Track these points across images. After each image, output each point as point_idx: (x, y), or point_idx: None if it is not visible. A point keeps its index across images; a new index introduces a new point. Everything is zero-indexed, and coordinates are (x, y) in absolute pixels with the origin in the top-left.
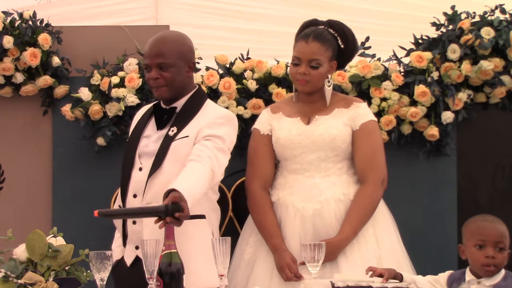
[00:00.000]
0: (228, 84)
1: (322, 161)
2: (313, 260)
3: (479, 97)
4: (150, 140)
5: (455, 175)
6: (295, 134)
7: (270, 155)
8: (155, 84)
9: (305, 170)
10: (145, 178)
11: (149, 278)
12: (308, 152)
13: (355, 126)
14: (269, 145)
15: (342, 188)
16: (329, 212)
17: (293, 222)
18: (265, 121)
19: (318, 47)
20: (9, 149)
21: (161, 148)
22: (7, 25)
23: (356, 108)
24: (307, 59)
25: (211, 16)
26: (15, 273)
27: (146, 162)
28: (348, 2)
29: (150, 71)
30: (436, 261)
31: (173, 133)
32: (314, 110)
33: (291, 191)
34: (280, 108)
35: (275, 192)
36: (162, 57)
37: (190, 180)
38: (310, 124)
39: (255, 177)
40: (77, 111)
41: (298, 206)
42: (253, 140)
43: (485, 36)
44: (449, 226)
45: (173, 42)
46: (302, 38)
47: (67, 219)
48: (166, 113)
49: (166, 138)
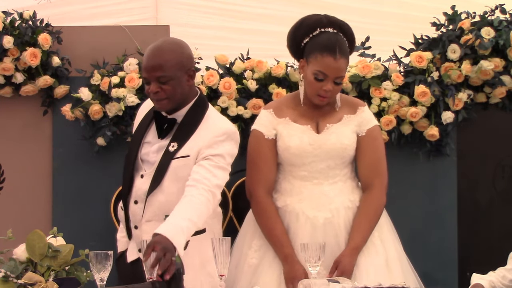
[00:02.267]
0: (228, 84)
1: (330, 169)
2: (313, 260)
3: (479, 97)
4: (151, 149)
5: (455, 175)
6: (306, 143)
7: (274, 159)
8: (156, 97)
9: (314, 178)
10: (146, 187)
11: (149, 278)
12: (319, 161)
13: (361, 132)
14: (273, 149)
15: (348, 195)
16: (339, 220)
17: (303, 230)
18: (269, 124)
19: (345, 64)
20: (9, 149)
21: (161, 164)
22: (7, 25)
23: (362, 113)
24: (334, 76)
25: (211, 16)
26: (15, 273)
27: (147, 170)
28: (348, 2)
29: (149, 84)
30: (436, 261)
31: (174, 149)
32: (321, 115)
33: (300, 198)
34: (283, 111)
35: (281, 197)
36: (160, 71)
37: (186, 215)
38: (321, 133)
39: (259, 182)
40: (77, 111)
41: (309, 215)
42: (257, 142)
43: (485, 36)
44: (449, 226)
45: (171, 53)
46: (329, 53)
47: (67, 219)
48: (167, 122)
49: (167, 154)
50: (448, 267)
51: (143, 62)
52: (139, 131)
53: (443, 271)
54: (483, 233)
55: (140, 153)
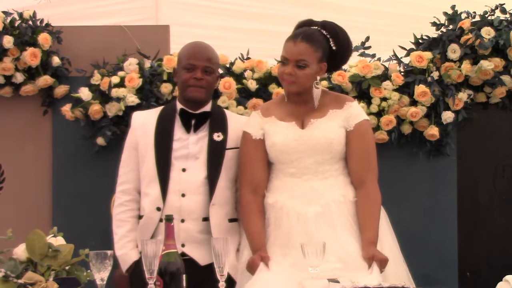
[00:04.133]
0: (228, 84)
1: (319, 165)
2: (313, 260)
3: (479, 97)
4: (189, 142)
5: (455, 175)
6: (291, 139)
7: (263, 160)
8: (197, 84)
9: (303, 174)
10: (197, 178)
11: (149, 278)
12: (305, 156)
13: (349, 127)
14: (261, 149)
15: (340, 190)
16: (331, 214)
17: (297, 227)
18: (257, 124)
19: (305, 48)
20: (9, 149)
21: (213, 153)
22: (7, 25)
23: (349, 108)
24: (294, 59)
25: (211, 16)
26: (15, 273)
27: (189, 164)
28: (348, 2)
29: (193, 71)
30: (436, 261)
31: (220, 139)
32: (306, 111)
33: (291, 195)
34: (270, 110)
35: (272, 194)
36: (209, 62)
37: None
38: (305, 129)
39: (244, 182)
40: (77, 111)
41: (300, 211)
42: (245, 144)
43: (485, 36)
44: (449, 226)
45: (215, 52)
46: (291, 38)
47: (67, 219)
48: (194, 118)
49: (213, 143)
50: (448, 267)
51: (189, 50)
52: (166, 131)
53: (443, 271)
54: (483, 233)
55: (174, 150)
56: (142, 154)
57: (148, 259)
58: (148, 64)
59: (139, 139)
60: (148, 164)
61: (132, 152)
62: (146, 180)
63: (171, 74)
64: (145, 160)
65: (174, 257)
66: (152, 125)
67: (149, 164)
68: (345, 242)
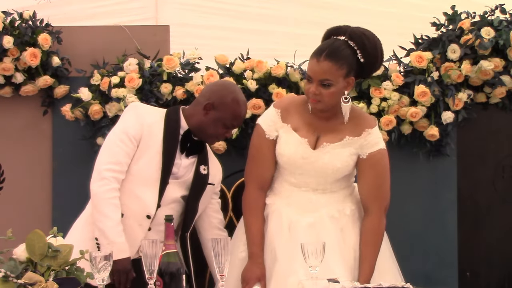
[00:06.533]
0: None
1: (320, 184)
2: (312, 260)
3: (479, 97)
4: (181, 165)
5: (455, 175)
6: (299, 156)
7: (272, 159)
8: (222, 139)
9: (302, 186)
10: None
11: (149, 278)
12: (308, 176)
13: (362, 155)
14: (273, 149)
15: (337, 204)
16: (323, 226)
17: (286, 234)
18: (273, 125)
19: (329, 66)
20: (9, 149)
21: (195, 184)
22: (7, 25)
23: (367, 136)
24: (317, 79)
25: (211, 16)
26: (15, 273)
27: (173, 181)
28: (348, 2)
29: (228, 130)
30: (436, 261)
31: (205, 172)
32: (324, 129)
33: (288, 202)
34: (290, 114)
35: (272, 196)
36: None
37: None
38: (316, 150)
39: (253, 177)
40: (77, 111)
41: (292, 219)
42: (258, 138)
43: (485, 36)
44: (449, 226)
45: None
46: (314, 56)
47: (67, 219)
48: (192, 143)
49: (199, 175)
50: (448, 267)
51: (238, 110)
52: (172, 144)
53: (443, 271)
54: (483, 233)
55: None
56: (141, 153)
57: (148, 259)
58: (148, 64)
59: (143, 137)
60: (147, 166)
61: (132, 140)
62: (138, 180)
63: (171, 74)
64: (143, 160)
65: (174, 257)
66: (159, 131)
67: (149, 166)
68: (330, 261)
